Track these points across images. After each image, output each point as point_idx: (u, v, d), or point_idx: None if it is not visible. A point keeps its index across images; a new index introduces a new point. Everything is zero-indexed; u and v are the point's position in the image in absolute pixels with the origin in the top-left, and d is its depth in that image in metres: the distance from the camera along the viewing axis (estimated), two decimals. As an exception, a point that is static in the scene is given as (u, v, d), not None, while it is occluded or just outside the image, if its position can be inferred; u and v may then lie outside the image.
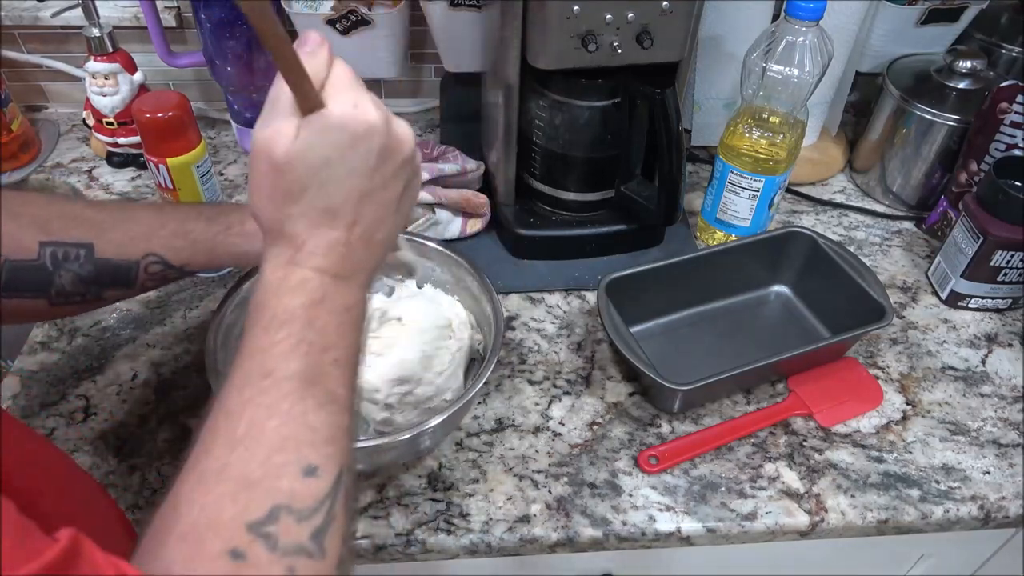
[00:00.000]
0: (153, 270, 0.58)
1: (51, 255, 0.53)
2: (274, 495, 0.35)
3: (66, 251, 0.54)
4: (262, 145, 0.39)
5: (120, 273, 0.56)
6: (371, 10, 0.87)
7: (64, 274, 0.54)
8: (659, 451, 0.67)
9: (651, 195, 0.81)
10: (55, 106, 1.07)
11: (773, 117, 0.79)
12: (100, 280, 0.56)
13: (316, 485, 0.36)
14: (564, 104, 0.77)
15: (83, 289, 0.55)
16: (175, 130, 0.75)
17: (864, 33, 0.91)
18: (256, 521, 0.34)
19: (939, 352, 0.78)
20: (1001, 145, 0.80)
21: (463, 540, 0.62)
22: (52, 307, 0.55)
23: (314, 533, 0.35)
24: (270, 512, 0.34)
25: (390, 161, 0.41)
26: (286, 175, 0.38)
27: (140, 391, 0.71)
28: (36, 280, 0.53)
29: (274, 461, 0.35)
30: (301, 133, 0.38)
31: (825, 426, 0.71)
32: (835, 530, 0.64)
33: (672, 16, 0.68)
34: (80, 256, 0.54)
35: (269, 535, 0.34)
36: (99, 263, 0.55)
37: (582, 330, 0.79)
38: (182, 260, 0.59)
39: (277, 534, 0.34)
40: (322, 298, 0.39)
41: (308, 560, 0.34)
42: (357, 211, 0.40)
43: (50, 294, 0.54)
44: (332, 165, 0.39)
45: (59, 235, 0.54)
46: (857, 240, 0.91)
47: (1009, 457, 0.69)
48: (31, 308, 0.55)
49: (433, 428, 0.58)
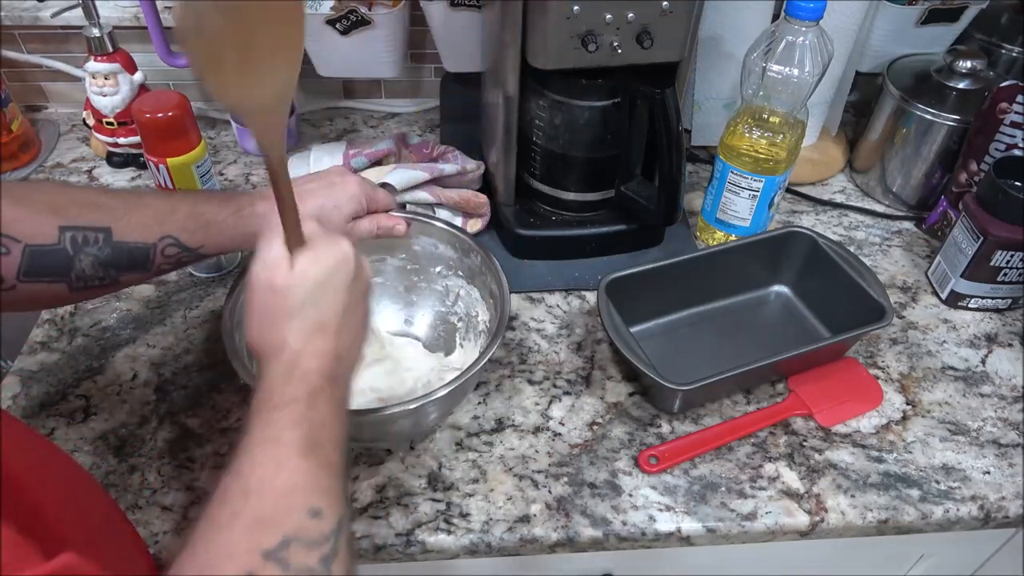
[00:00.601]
0: (169, 252, 0.59)
1: (71, 239, 0.54)
2: (284, 529, 0.38)
3: (85, 235, 0.55)
4: (262, 274, 0.47)
5: (137, 256, 0.57)
6: (371, 10, 0.87)
7: (84, 258, 0.55)
8: (659, 451, 0.67)
9: (651, 195, 0.81)
10: (55, 106, 1.07)
11: (773, 117, 0.79)
12: (118, 263, 0.57)
13: (321, 524, 0.39)
14: (564, 104, 0.77)
15: (102, 273, 0.56)
16: (175, 130, 0.75)
17: (864, 33, 0.91)
18: (269, 549, 0.37)
19: (939, 352, 0.78)
20: (1001, 145, 0.80)
21: (463, 540, 0.62)
22: (72, 292, 0.56)
23: (322, 559, 0.38)
24: (282, 541, 0.37)
25: (359, 281, 0.50)
26: (286, 298, 0.46)
27: (140, 391, 0.71)
28: (57, 264, 0.54)
29: (283, 504, 0.39)
30: (296, 263, 0.47)
31: (825, 426, 0.71)
32: (835, 530, 0.64)
33: (672, 16, 0.68)
34: (99, 240, 0.55)
35: (281, 559, 0.37)
36: (117, 246, 0.56)
37: (582, 330, 0.79)
38: (197, 242, 0.60)
39: (288, 558, 0.37)
40: (320, 390, 0.45)
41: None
42: (340, 323, 0.48)
43: (70, 278, 0.55)
44: (322, 286, 0.47)
45: (77, 220, 0.54)
46: (857, 240, 0.91)
47: (1009, 457, 0.69)
48: (51, 293, 0.55)
49: (439, 399, 0.59)
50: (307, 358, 0.45)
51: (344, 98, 1.10)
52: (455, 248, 0.74)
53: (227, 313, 0.65)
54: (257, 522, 0.38)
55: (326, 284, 0.47)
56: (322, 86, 1.07)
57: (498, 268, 0.69)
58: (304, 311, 0.46)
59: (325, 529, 0.39)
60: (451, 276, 0.76)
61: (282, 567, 0.37)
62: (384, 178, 0.81)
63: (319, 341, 0.46)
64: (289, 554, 0.37)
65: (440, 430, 0.69)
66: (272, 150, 0.44)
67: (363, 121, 1.08)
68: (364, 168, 0.88)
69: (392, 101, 1.10)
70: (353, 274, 0.49)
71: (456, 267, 0.75)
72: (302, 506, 0.40)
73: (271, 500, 0.39)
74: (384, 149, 0.89)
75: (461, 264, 0.75)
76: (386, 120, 1.08)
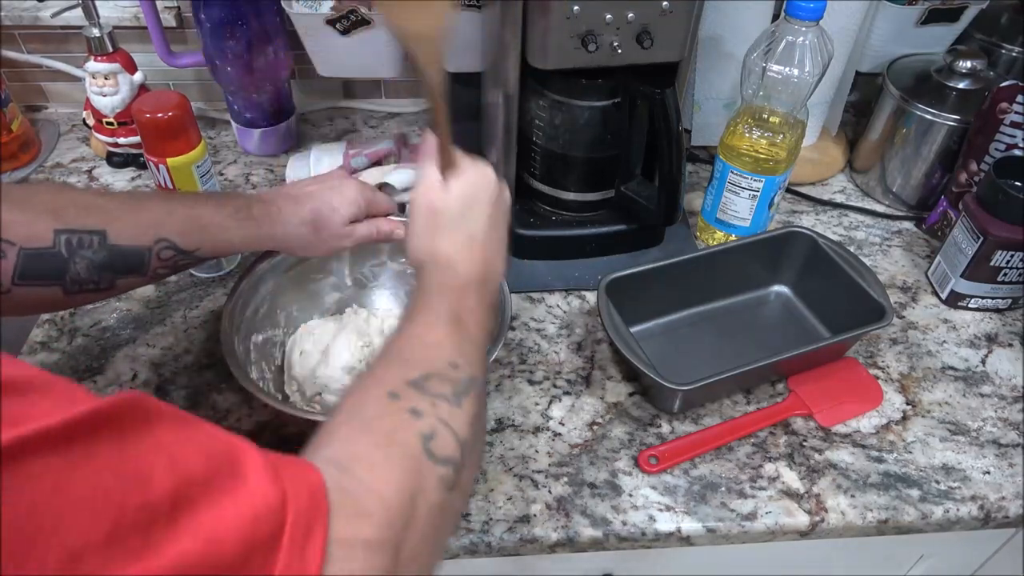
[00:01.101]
0: (165, 255, 0.59)
1: (66, 242, 0.54)
2: (426, 367, 0.45)
3: (80, 238, 0.54)
4: (423, 197, 0.53)
5: (133, 259, 0.57)
6: (371, 10, 0.86)
7: (79, 261, 0.54)
8: (659, 451, 0.67)
9: (651, 195, 0.81)
10: (55, 106, 1.07)
11: (773, 117, 0.79)
12: (114, 267, 0.56)
13: (458, 372, 0.45)
14: (564, 104, 0.77)
15: (97, 276, 0.56)
16: (175, 130, 0.75)
17: (864, 33, 0.91)
18: (412, 379, 0.43)
19: (939, 352, 0.78)
20: (1001, 145, 0.80)
21: (463, 540, 0.62)
22: (67, 295, 0.56)
23: (455, 391, 0.44)
24: (423, 375, 0.44)
25: (499, 202, 0.56)
26: (442, 215, 0.53)
27: (140, 391, 0.71)
28: (51, 268, 0.54)
29: (429, 352, 0.46)
30: (451, 187, 0.53)
31: (825, 426, 0.71)
32: (835, 530, 0.64)
33: (672, 16, 0.68)
34: (94, 243, 0.55)
35: (420, 385, 0.43)
36: (112, 249, 0.56)
37: (582, 330, 0.79)
38: (193, 245, 0.60)
39: (426, 385, 0.43)
40: (469, 286, 0.52)
41: (447, 405, 0.43)
42: (486, 235, 0.54)
43: (65, 281, 0.55)
44: (470, 205, 0.54)
45: (72, 222, 0.54)
46: (857, 240, 0.91)
47: (1009, 457, 0.69)
48: (46, 297, 0.55)
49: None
50: (460, 263, 0.52)
51: (344, 98, 1.10)
52: None
53: (227, 314, 0.65)
54: (403, 360, 0.46)
55: (474, 202, 0.54)
56: (322, 86, 1.07)
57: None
58: (457, 225, 0.53)
59: (462, 376, 0.45)
60: None
61: (419, 390, 0.43)
62: (384, 178, 0.81)
63: (470, 250, 0.53)
64: (429, 384, 0.43)
65: (440, 430, 0.69)
66: (433, 77, 0.51)
67: (363, 121, 1.08)
68: (364, 168, 0.88)
69: (392, 101, 1.10)
70: (496, 193, 0.55)
71: None
72: (445, 357, 0.46)
73: (420, 349, 0.46)
74: (384, 149, 0.89)
75: None
76: (386, 120, 1.08)
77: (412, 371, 0.44)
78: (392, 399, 0.42)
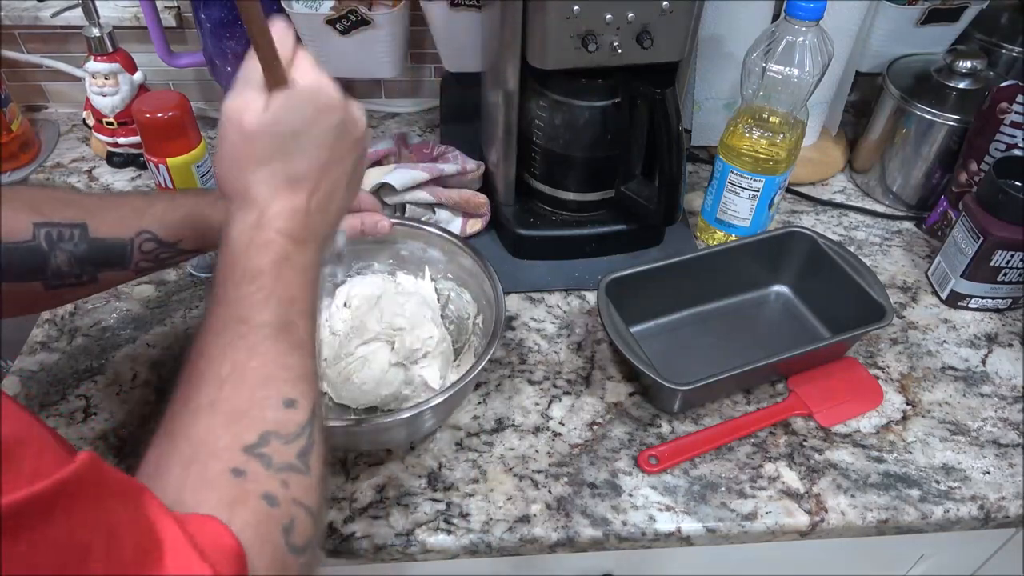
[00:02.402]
0: (147, 248, 0.58)
1: (45, 235, 0.53)
2: (262, 424, 0.39)
3: (60, 231, 0.54)
4: (233, 114, 0.43)
5: (115, 252, 0.56)
6: (371, 10, 0.87)
7: (59, 254, 0.54)
8: (659, 451, 0.67)
9: (651, 195, 0.81)
10: (55, 106, 1.07)
11: (773, 117, 0.79)
12: (95, 260, 0.56)
13: (296, 415, 0.40)
14: (564, 104, 0.77)
15: (78, 270, 0.55)
16: (175, 130, 0.75)
17: (864, 33, 0.91)
18: (250, 445, 0.38)
19: (939, 352, 0.78)
20: (1001, 145, 0.80)
21: (463, 540, 0.62)
22: (48, 291, 0.55)
23: (299, 453, 0.40)
24: (261, 437, 0.39)
25: (347, 137, 0.46)
26: (255, 143, 0.43)
27: (140, 391, 0.71)
28: (31, 262, 0.53)
29: (258, 395, 0.40)
30: (271, 105, 0.43)
31: (825, 426, 0.71)
32: (835, 530, 0.64)
33: (672, 16, 0.68)
34: (74, 236, 0.54)
35: (263, 455, 0.38)
36: (93, 243, 0.55)
37: (582, 330, 0.79)
38: (175, 236, 0.59)
39: (270, 454, 0.38)
40: (286, 257, 0.43)
41: (297, 475, 0.39)
42: (317, 181, 0.44)
43: (46, 275, 0.54)
44: (298, 136, 0.43)
45: (52, 216, 0.54)
46: (857, 240, 0.91)
47: (1009, 457, 0.69)
48: (27, 293, 0.54)
49: (433, 407, 0.59)
50: (273, 215, 0.43)
51: (344, 98, 1.10)
52: (444, 251, 0.74)
53: None
54: (234, 415, 0.39)
55: (303, 134, 0.43)
56: (322, 86, 1.07)
57: (491, 270, 0.69)
58: (274, 162, 0.43)
59: (300, 420, 0.40)
60: (440, 279, 0.76)
61: (264, 463, 0.38)
62: (384, 178, 0.81)
63: (288, 195, 0.43)
64: (269, 450, 0.38)
65: (440, 430, 0.69)
66: None
67: (363, 121, 1.08)
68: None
69: (392, 101, 1.10)
70: (338, 125, 0.45)
71: (445, 270, 0.75)
72: (277, 397, 0.40)
73: (247, 392, 0.40)
74: (384, 149, 0.89)
75: (450, 267, 0.75)
76: (386, 120, 1.08)
77: (246, 431, 0.39)
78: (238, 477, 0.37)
